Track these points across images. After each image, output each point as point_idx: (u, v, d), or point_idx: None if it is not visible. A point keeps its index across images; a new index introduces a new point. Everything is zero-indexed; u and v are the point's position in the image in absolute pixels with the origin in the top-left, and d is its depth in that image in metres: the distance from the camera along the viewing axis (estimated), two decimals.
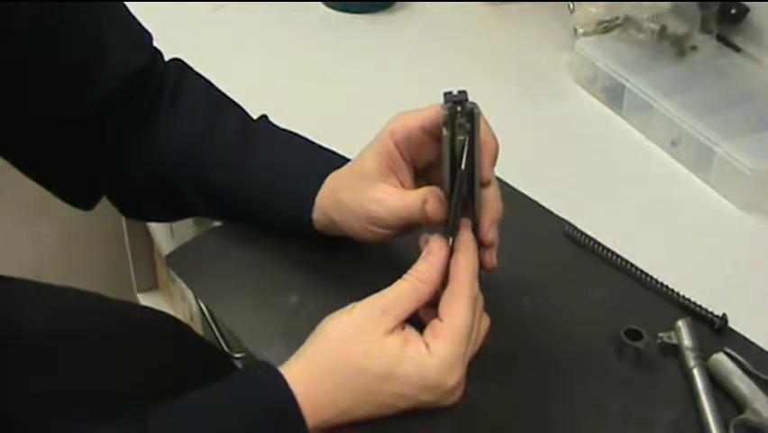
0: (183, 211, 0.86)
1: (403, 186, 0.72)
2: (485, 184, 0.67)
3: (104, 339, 0.90)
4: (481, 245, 0.70)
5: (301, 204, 0.77)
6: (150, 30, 0.84)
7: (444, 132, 0.65)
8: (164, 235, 1.54)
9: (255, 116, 0.84)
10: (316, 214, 0.77)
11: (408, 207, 0.70)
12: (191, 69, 0.85)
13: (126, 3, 0.84)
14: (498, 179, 0.71)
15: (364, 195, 0.72)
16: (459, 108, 0.64)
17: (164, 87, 0.82)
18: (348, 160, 0.77)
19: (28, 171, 0.82)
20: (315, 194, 0.76)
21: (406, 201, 0.70)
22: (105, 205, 0.88)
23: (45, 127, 0.77)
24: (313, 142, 0.82)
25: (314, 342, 0.67)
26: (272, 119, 0.85)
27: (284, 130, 0.83)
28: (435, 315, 0.67)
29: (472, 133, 0.65)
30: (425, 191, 0.70)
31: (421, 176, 0.74)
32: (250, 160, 0.80)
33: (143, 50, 0.82)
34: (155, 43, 0.84)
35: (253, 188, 0.79)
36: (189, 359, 0.94)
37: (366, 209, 0.72)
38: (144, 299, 1.81)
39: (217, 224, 0.86)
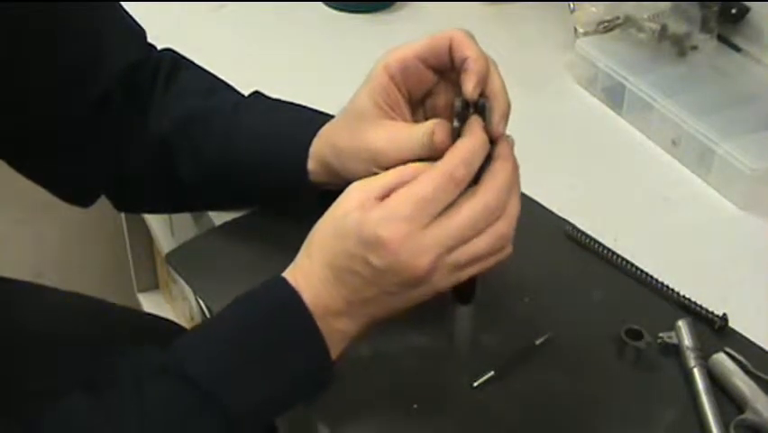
0: (180, 197, 0.84)
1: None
2: (495, 140, 0.65)
3: (104, 341, 0.90)
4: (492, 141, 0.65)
5: (296, 154, 0.75)
6: (152, 28, 0.84)
7: (456, 123, 0.65)
8: (164, 235, 1.54)
9: None
10: (312, 164, 0.75)
11: (416, 141, 0.66)
12: (183, 56, 0.85)
13: (130, 2, 0.84)
14: None
15: (365, 135, 0.69)
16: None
17: (159, 74, 0.82)
18: None
19: (26, 171, 0.82)
20: (309, 143, 0.74)
21: (412, 135, 0.66)
22: (105, 205, 0.88)
23: (45, 127, 0.77)
24: (307, 107, 0.81)
25: None
26: None
27: (278, 100, 0.83)
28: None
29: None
30: (431, 123, 0.66)
31: (415, 110, 0.71)
32: (243, 123, 0.79)
33: (139, 47, 0.82)
34: (154, 41, 0.85)
35: (247, 147, 0.78)
36: None
37: (369, 149, 0.68)
38: (144, 299, 1.81)
39: (218, 223, 0.87)
